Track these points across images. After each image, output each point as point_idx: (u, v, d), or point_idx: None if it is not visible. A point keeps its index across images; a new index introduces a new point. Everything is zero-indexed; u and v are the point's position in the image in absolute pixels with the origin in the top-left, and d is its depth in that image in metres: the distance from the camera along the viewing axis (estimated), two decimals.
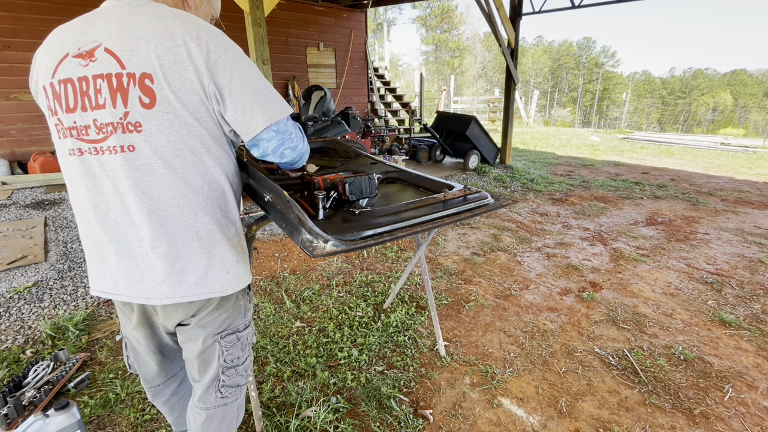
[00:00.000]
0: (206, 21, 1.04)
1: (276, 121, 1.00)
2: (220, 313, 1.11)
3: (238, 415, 1.28)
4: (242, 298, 1.17)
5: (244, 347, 1.20)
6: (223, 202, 1.04)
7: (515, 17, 6.96)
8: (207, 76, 0.91)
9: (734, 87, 55.51)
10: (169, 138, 0.93)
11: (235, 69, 0.94)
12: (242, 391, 1.26)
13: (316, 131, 6.19)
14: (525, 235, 4.19)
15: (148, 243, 0.98)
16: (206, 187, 1.00)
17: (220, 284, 1.04)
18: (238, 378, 1.21)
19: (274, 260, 3.52)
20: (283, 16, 8.80)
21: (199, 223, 1.00)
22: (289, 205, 1.10)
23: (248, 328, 1.21)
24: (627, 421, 1.84)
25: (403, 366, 2.19)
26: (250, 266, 1.16)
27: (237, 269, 1.08)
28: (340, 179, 1.57)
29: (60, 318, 2.58)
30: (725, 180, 6.89)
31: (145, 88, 0.89)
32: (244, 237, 1.15)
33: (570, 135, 14.41)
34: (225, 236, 1.05)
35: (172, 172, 0.95)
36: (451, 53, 43.09)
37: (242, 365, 1.21)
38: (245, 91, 0.95)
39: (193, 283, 1.01)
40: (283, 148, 1.06)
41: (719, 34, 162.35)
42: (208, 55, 0.90)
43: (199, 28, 0.92)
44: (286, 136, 1.05)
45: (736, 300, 2.90)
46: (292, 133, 1.07)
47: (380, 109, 11.54)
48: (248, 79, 0.95)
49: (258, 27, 3.77)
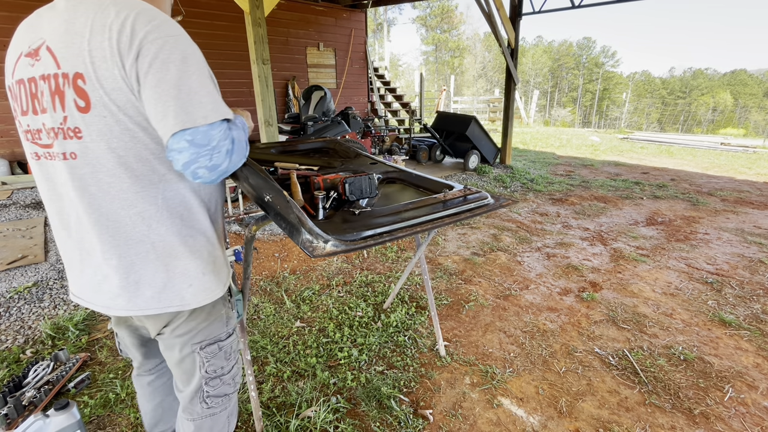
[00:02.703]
0: (167, 9, 0.99)
1: (191, 127, 0.80)
2: (197, 323, 1.06)
3: (228, 424, 1.26)
4: (222, 306, 1.11)
5: (229, 356, 1.17)
6: (185, 211, 0.95)
7: (515, 17, 6.96)
8: (132, 71, 0.79)
9: (734, 87, 55.51)
10: (111, 145, 0.84)
11: (156, 60, 0.78)
12: (231, 400, 1.23)
13: (316, 131, 6.19)
14: (525, 235, 4.19)
15: (100, 255, 0.92)
16: (160, 197, 0.90)
17: (180, 298, 0.97)
18: (224, 387, 1.18)
19: (274, 260, 3.52)
20: (283, 16, 8.80)
21: (154, 235, 0.91)
22: (289, 205, 1.10)
23: (231, 336, 1.17)
24: (627, 421, 1.84)
25: (403, 366, 2.19)
26: (227, 275, 1.09)
27: (202, 282, 0.99)
28: (340, 179, 1.57)
29: (60, 318, 2.58)
30: (725, 180, 6.89)
31: (79, 90, 0.80)
32: (222, 246, 1.09)
33: (570, 135, 14.41)
34: (188, 248, 0.96)
35: (119, 180, 0.86)
36: (451, 53, 43.08)
37: (228, 374, 1.18)
38: (161, 86, 0.79)
39: (150, 296, 0.95)
40: (196, 166, 0.83)
41: (719, 34, 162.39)
42: (131, 44, 0.77)
43: (136, 15, 0.79)
44: (203, 151, 0.82)
45: (736, 300, 2.90)
46: (216, 148, 0.83)
47: (380, 109, 11.54)
48: (171, 73, 0.79)
49: (258, 27, 3.77)
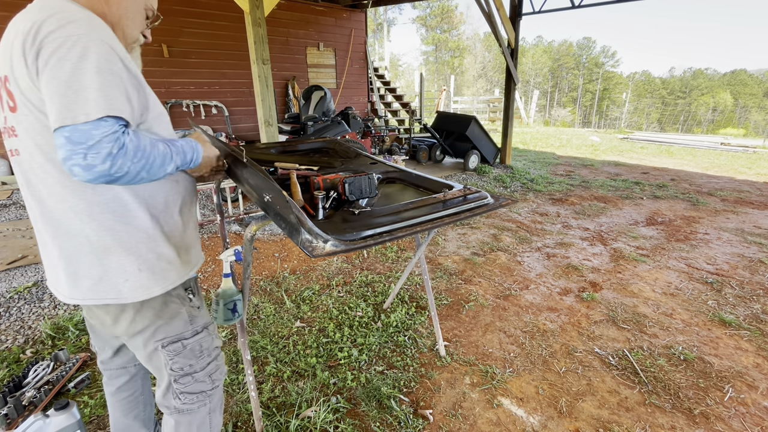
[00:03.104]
0: (134, 14, 1.00)
1: (69, 124, 0.79)
2: (150, 320, 1.07)
3: (210, 421, 1.26)
4: (179, 305, 1.12)
5: (199, 354, 1.18)
6: (118, 207, 0.96)
7: (515, 17, 6.96)
8: (33, 68, 0.82)
9: (734, 87, 55.49)
10: (37, 141, 0.88)
11: (53, 57, 0.79)
12: (210, 397, 1.24)
13: (316, 131, 6.18)
14: (525, 235, 4.19)
15: (50, 245, 0.99)
16: (89, 192, 0.92)
17: (117, 291, 1.00)
18: (198, 385, 1.19)
19: (274, 260, 3.52)
20: (283, 16, 8.80)
21: (88, 229, 0.95)
22: (288, 205, 1.10)
23: (199, 335, 1.18)
24: (627, 421, 1.84)
25: (403, 366, 2.19)
26: (177, 274, 1.09)
27: (138, 279, 1.00)
28: (339, 179, 1.57)
29: (60, 318, 2.58)
30: (725, 180, 6.89)
31: (8, 91, 0.87)
32: (177, 244, 1.09)
33: (570, 135, 14.41)
34: (120, 244, 0.97)
35: (50, 176, 0.91)
36: (451, 53, 43.08)
37: (201, 372, 1.19)
38: (52, 84, 0.79)
39: (87, 287, 0.99)
40: (71, 163, 0.80)
41: (719, 34, 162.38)
42: (33, 43, 0.80)
43: (48, 17, 0.81)
44: (78, 149, 0.79)
45: (736, 300, 2.90)
46: (93, 147, 0.80)
47: (380, 109, 11.53)
48: (65, 70, 0.79)
49: (258, 27, 3.77)
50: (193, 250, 1.18)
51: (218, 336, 1.30)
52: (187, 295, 1.15)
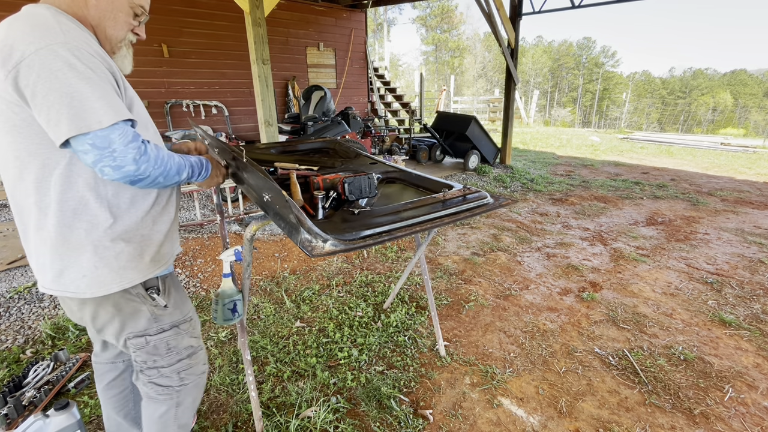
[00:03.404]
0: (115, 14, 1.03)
1: (86, 132, 0.88)
2: (111, 315, 1.11)
3: (176, 414, 1.28)
4: (140, 303, 1.14)
5: (165, 352, 1.21)
6: (79, 204, 1.00)
7: (515, 17, 6.96)
8: (10, 78, 0.87)
9: (734, 87, 55.46)
10: (6, 139, 0.96)
11: (42, 71, 0.85)
12: (178, 393, 1.26)
13: (316, 131, 6.18)
14: (525, 235, 4.19)
15: (24, 235, 1.07)
16: (52, 190, 0.97)
17: (75, 286, 1.04)
18: (164, 379, 1.23)
19: (274, 260, 3.52)
20: (283, 16, 8.80)
21: (49, 224, 0.99)
22: (288, 205, 1.10)
23: (165, 332, 1.19)
24: (627, 421, 1.84)
25: (403, 366, 2.19)
26: (138, 273, 1.11)
27: (96, 276, 1.04)
28: (339, 179, 1.57)
29: (60, 318, 2.58)
30: (725, 180, 6.89)
31: None
32: (145, 245, 1.11)
33: (570, 135, 14.41)
34: (79, 240, 1.01)
35: (19, 172, 0.98)
36: (451, 53, 43.07)
37: (168, 368, 1.22)
38: (51, 96, 0.86)
39: (51, 279, 1.04)
40: (102, 164, 0.92)
41: (719, 34, 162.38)
42: (10, 56, 0.86)
43: (19, 27, 0.88)
44: (105, 153, 0.90)
45: (736, 300, 2.90)
46: (116, 151, 0.91)
47: (380, 109, 11.53)
48: (58, 82, 0.86)
49: (258, 27, 3.77)
50: (164, 248, 1.18)
51: (195, 336, 1.30)
52: (149, 294, 1.15)
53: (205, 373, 1.35)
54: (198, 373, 1.30)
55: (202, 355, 1.32)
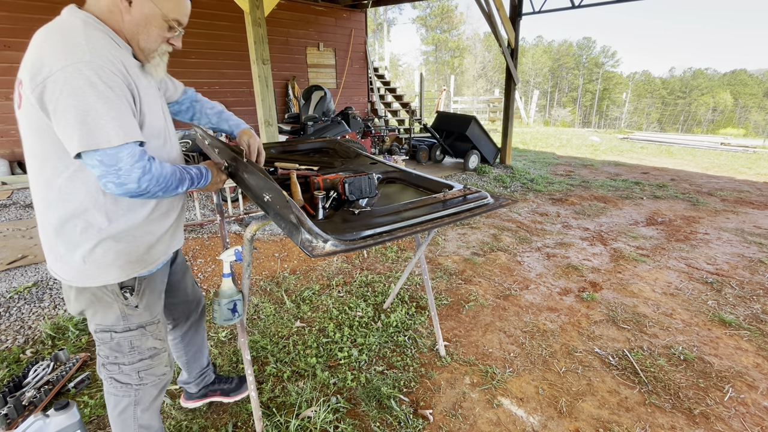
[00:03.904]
0: (149, 24, 1.08)
1: (95, 149, 0.95)
2: (85, 304, 1.20)
3: (135, 413, 1.31)
4: (111, 300, 1.19)
5: (129, 351, 1.24)
6: (78, 209, 1.08)
7: (515, 17, 6.96)
8: (37, 91, 0.95)
9: (734, 87, 55.44)
10: (27, 140, 1.07)
11: (66, 87, 0.92)
12: (136, 391, 1.29)
13: (316, 131, 6.18)
14: (525, 235, 4.19)
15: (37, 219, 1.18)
16: (56, 189, 1.06)
17: (64, 272, 1.14)
18: (123, 376, 1.26)
19: (274, 260, 3.52)
20: (283, 16, 8.80)
21: (52, 217, 1.09)
22: (288, 205, 1.10)
23: (131, 332, 1.23)
24: (627, 421, 1.84)
25: (403, 366, 2.19)
26: (123, 272, 1.17)
27: (81, 269, 1.13)
28: (339, 179, 1.57)
29: (60, 318, 2.58)
30: (725, 180, 6.89)
31: (19, 93, 1.03)
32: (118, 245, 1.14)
33: (570, 135, 14.41)
34: (73, 236, 1.10)
35: (34, 168, 1.09)
36: (451, 53, 43.06)
37: (128, 366, 1.25)
38: (69, 112, 0.93)
39: (51, 262, 1.17)
40: (106, 180, 0.99)
41: (719, 34, 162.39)
42: (40, 71, 0.94)
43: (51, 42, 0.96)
44: (111, 170, 0.98)
45: (736, 300, 2.90)
46: (122, 169, 0.98)
47: (380, 109, 11.54)
48: (77, 99, 0.92)
49: (258, 27, 3.77)
50: (156, 249, 1.23)
51: (160, 338, 1.31)
52: (122, 293, 1.19)
53: (167, 375, 1.36)
54: (158, 374, 1.32)
55: (164, 357, 1.33)
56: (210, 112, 1.54)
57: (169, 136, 1.24)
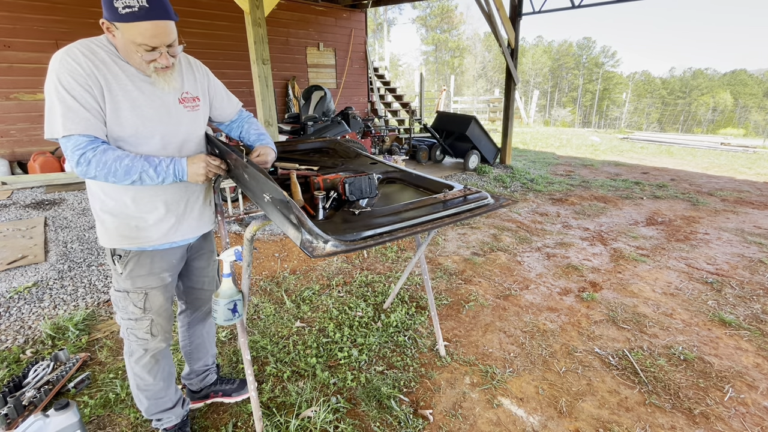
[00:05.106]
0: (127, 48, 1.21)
1: (51, 137, 1.20)
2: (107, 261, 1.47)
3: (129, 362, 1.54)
4: (112, 261, 1.42)
5: (122, 307, 1.45)
6: (99, 192, 1.34)
7: (515, 17, 6.96)
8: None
9: (734, 87, 55.42)
10: None
11: (46, 87, 1.17)
12: (127, 340, 1.50)
13: (316, 131, 6.18)
14: (525, 235, 4.19)
15: None
16: (92, 181, 1.34)
17: (99, 235, 1.42)
18: (121, 321, 1.48)
19: (274, 260, 3.52)
20: (283, 16, 8.80)
21: (91, 200, 1.39)
22: (288, 205, 1.10)
23: (119, 293, 1.43)
24: (627, 421, 1.84)
25: (403, 366, 2.19)
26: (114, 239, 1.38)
27: (100, 233, 1.41)
28: (340, 179, 1.57)
29: (60, 318, 2.58)
30: (725, 180, 6.89)
31: None
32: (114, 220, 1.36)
33: (570, 135, 14.41)
34: (97, 213, 1.38)
35: None
36: (451, 53, 43.06)
37: (119, 317, 1.48)
38: (46, 106, 1.18)
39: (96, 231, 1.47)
40: (66, 161, 1.22)
41: (719, 34, 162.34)
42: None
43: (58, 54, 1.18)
44: (66, 154, 1.21)
45: (736, 300, 2.90)
46: (68, 155, 1.21)
47: (380, 109, 11.54)
48: (48, 98, 1.17)
49: (258, 27, 3.77)
50: (145, 233, 1.38)
51: (140, 308, 1.45)
52: (113, 258, 1.42)
53: (149, 342, 1.49)
54: (139, 336, 1.48)
55: (145, 325, 1.47)
56: (254, 133, 1.67)
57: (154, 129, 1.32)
